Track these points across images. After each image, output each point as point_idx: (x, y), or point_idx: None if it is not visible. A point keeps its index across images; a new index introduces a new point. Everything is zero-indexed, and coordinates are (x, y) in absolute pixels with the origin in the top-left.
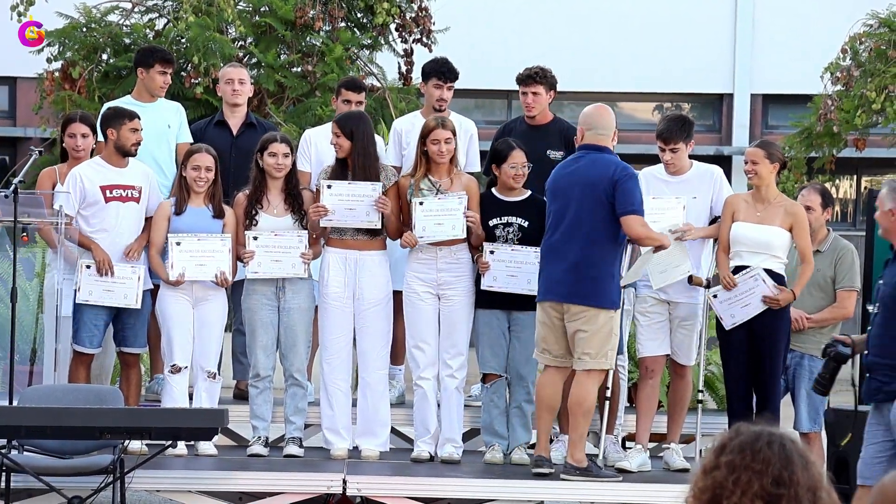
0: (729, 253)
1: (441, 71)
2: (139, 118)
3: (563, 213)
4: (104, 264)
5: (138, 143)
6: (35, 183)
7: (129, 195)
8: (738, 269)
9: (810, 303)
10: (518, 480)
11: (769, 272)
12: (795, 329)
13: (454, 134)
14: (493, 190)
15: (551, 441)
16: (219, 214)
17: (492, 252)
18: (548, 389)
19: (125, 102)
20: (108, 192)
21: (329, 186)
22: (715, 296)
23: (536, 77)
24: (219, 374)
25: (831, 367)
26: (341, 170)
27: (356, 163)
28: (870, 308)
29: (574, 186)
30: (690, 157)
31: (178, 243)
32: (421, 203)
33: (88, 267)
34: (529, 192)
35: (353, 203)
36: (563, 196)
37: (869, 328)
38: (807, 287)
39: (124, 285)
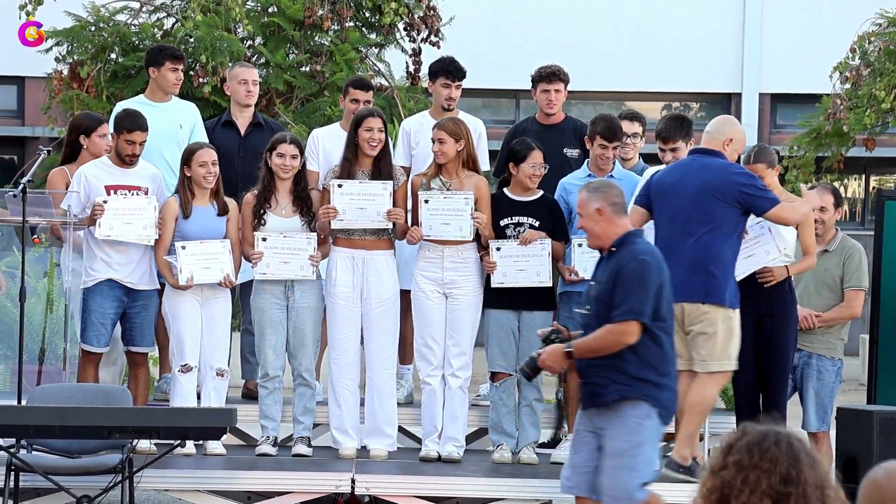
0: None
1: (448, 70)
2: (141, 131)
3: (676, 213)
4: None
5: (133, 156)
6: (45, 183)
7: (134, 195)
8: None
9: (818, 302)
10: (526, 479)
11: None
12: (804, 328)
13: (454, 136)
14: (506, 190)
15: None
16: (223, 211)
17: (498, 249)
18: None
19: (138, 102)
20: (112, 192)
21: (340, 186)
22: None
23: (560, 74)
24: (227, 371)
25: None
26: (350, 168)
27: (384, 160)
28: (578, 309)
29: (688, 186)
30: None
31: (183, 247)
32: (426, 201)
33: (105, 202)
34: (542, 193)
35: (364, 202)
36: (676, 196)
37: (580, 332)
38: (815, 286)
39: (142, 216)
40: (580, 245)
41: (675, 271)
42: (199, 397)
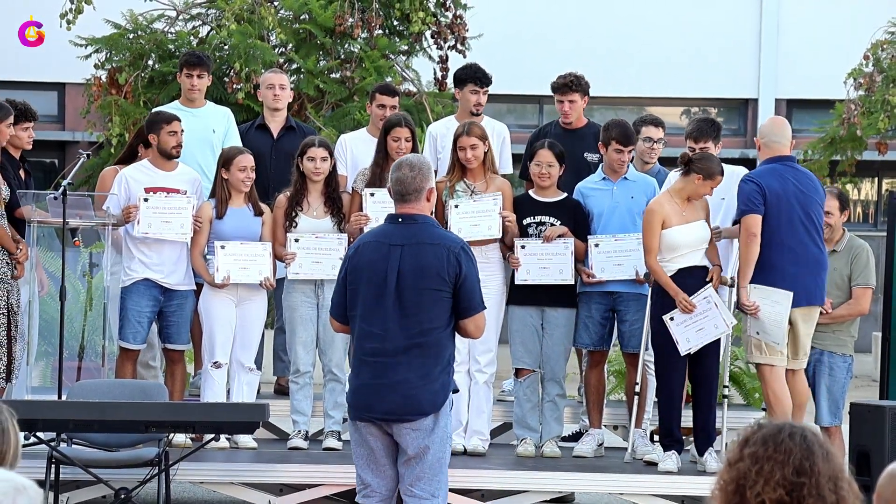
0: (657, 258)
1: (476, 77)
2: (178, 120)
3: (795, 218)
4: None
5: (179, 146)
6: (85, 183)
7: (174, 196)
8: (683, 272)
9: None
10: (550, 472)
11: (700, 268)
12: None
13: (483, 139)
14: (530, 191)
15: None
16: (258, 212)
17: (523, 247)
18: (787, 392)
19: (173, 108)
20: (151, 194)
21: (372, 194)
22: (672, 318)
23: (572, 86)
24: (257, 369)
25: None
26: (381, 173)
27: None
28: None
29: (800, 194)
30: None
31: (222, 247)
32: (456, 206)
33: (146, 200)
34: (565, 195)
35: None
36: (791, 201)
37: None
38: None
39: (180, 215)
40: (597, 245)
41: (807, 275)
42: (228, 393)
